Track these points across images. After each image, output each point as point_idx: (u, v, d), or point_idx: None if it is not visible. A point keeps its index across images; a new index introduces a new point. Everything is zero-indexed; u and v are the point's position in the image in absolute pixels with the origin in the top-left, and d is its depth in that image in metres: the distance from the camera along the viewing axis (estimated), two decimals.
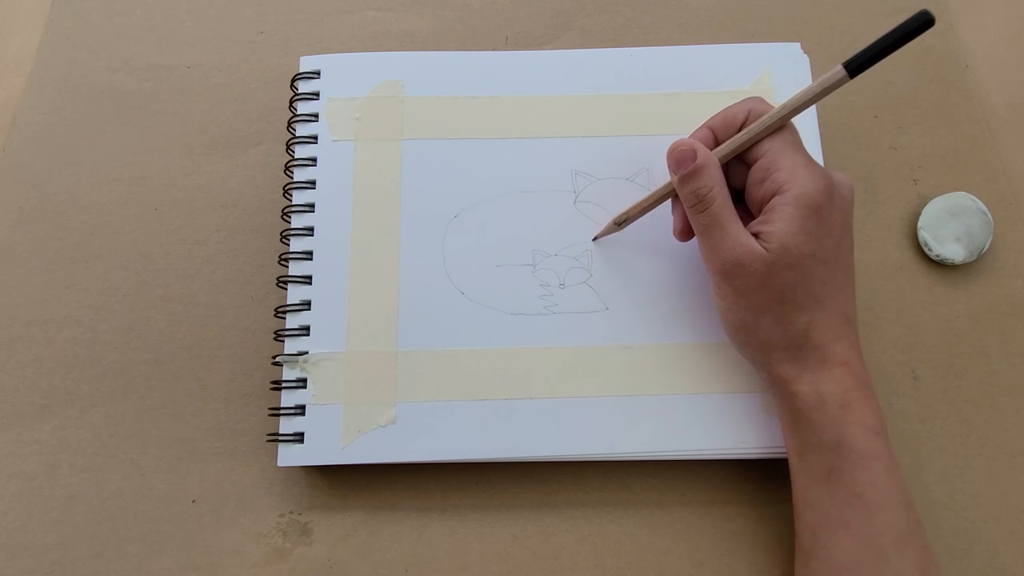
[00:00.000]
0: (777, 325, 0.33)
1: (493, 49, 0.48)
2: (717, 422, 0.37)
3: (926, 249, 0.42)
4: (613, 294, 0.39)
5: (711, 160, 0.34)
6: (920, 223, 0.43)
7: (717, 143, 0.35)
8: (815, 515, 0.33)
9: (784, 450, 0.37)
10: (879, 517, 0.31)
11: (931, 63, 0.47)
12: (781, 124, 0.33)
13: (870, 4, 0.49)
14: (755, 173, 0.34)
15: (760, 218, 0.33)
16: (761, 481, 0.39)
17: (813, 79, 0.42)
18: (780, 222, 0.32)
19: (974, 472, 0.39)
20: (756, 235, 0.33)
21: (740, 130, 0.34)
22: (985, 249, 0.42)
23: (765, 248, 0.32)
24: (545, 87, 0.42)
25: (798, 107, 0.32)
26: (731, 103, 0.35)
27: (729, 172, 0.35)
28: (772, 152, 0.33)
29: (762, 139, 0.34)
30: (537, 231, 0.40)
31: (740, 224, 0.33)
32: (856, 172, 0.44)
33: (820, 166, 0.33)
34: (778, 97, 0.42)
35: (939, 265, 0.42)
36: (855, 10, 0.49)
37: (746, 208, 0.36)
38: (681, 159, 0.34)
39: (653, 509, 0.38)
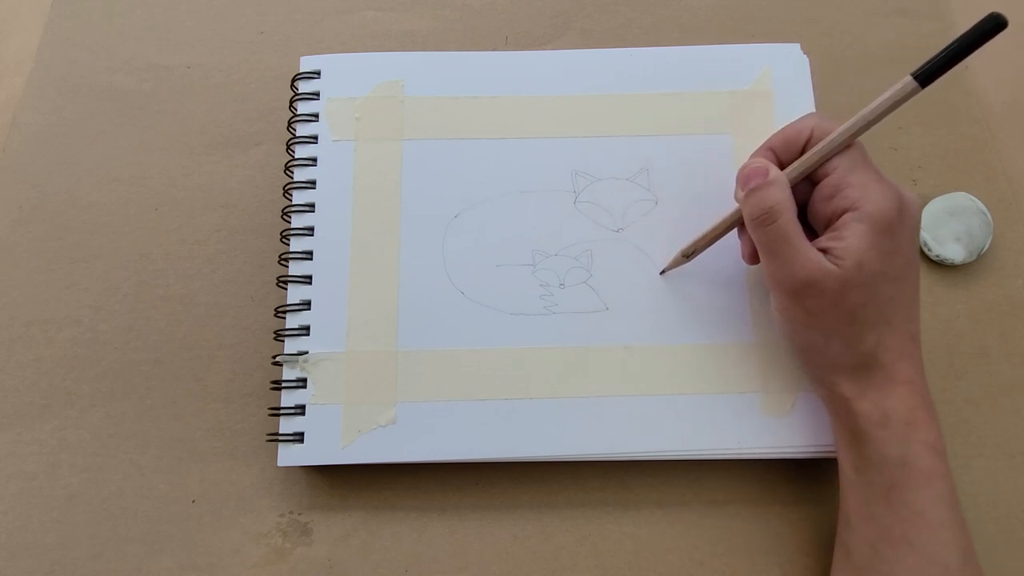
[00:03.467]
0: (846, 346, 0.32)
1: (493, 49, 0.48)
2: (717, 422, 0.37)
3: (926, 249, 0.42)
4: (613, 294, 0.39)
5: (781, 179, 0.33)
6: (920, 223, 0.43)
7: (779, 162, 0.34)
8: (875, 530, 0.32)
9: (783, 451, 0.37)
10: (942, 535, 0.31)
11: None
12: (849, 142, 0.33)
13: (870, 4, 0.49)
14: (822, 189, 0.33)
15: (829, 234, 0.32)
16: (761, 481, 0.39)
17: (813, 79, 0.42)
18: (853, 238, 0.31)
19: (974, 472, 0.39)
20: (824, 251, 0.32)
21: (804, 148, 0.34)
22: (985, 249, 0.42)
23: (837, 265, 0.31)
24: (545, 87, 0.42)
25: (868, 123, 0.32)
26: (731, 103, 0.35)
27: (792, 189, 0.34)
28: (842, 168, 0.32)
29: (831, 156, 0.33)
30: (537, 231, 0.40)
31: (808, 242, 0.32)
32: None
33: (891, 182, 0.32)
34: (778, 97, 0.42)
35: (939, 265, 0.42)
36: (855, 10, 0.49)
37: (808, 227, 0.35)
38: (752, 175, 0.33)
39: (653, 509, 0.38)
